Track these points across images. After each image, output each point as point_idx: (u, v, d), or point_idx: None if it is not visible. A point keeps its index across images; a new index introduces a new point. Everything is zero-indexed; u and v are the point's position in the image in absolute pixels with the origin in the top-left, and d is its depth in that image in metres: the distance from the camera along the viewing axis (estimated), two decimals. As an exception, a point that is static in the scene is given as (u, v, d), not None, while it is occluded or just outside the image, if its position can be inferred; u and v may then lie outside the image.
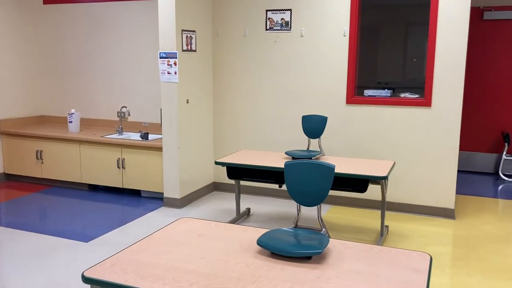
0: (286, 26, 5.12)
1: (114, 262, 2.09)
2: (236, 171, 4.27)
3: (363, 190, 3.77)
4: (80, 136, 5.51)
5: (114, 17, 5.83)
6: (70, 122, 5.73)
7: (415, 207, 4.90)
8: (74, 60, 6.16)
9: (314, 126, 4.59)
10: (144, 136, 5.37)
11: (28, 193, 5.60)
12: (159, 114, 5.67)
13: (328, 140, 5.08)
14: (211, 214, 4.88)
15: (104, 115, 6.09)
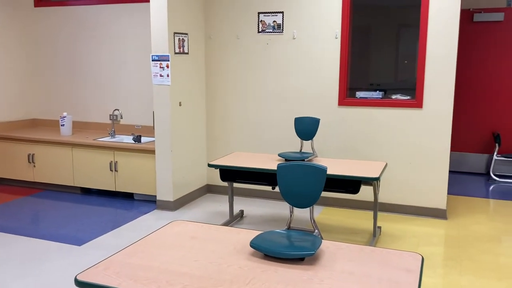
0: (278, 28, 5.14)
1: (107, 265, 2.10)
2: (229, 173, 4.28)
3: (355, 191, 3.79)
4: (72, 139, 5.49)
5: (106, 20, 5.82)
6: (62, 125, 5.71)
7: (407, 207, 4.93)
8: (66, 63, 6.15)
9: (306, 128, 4.61)
10: (137, 139, 5.36)
11: (20, 197, 5.57)
12: (151, 117, 5.66)
13: (321, 142, 5.10)
14: (204, 216, 4.88)
15: (96, 118, 6.08)
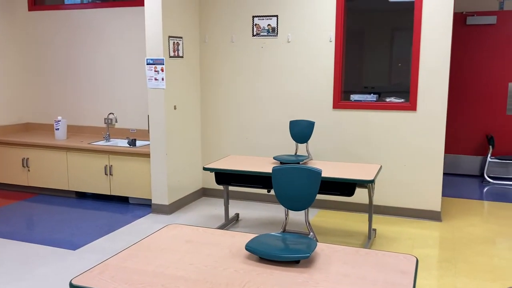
0: (272, 32, 5.16)
1: (102, 269, 2.09)
2: (224, 177, 4.29)
3: (350, 194, 3.80)
4: (67, 143, 5.48)
5: (101, 23, 5.82)
6: (57, 129, 5.69)
7: (402, 210, 4.95)
8: (60, 67, 6.13)
9: (301, 131, 4.63)
10: (132, 142, 5.36)
11: (14, 201, 5.54)
12: (146, 121, 5.66)
13: (316, 145, 5.12)
14: (199, 220, 4.88)
15: (91, 122, 6.07)
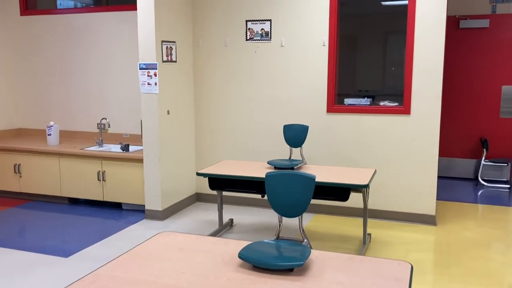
0: (266, 36, 5.15)
1: (93, 279, 2.06)
2: (218, 182, 4.25)
3: (345, 198, 3.78)
4: (59, 149, 5.43)
5: (93, 28, 5.78)
6: (49, 134, 5.64)
7: (397, 214, 4.94)
8: (52, 72, 6.09)
9: (295, 135, 4.61)
10: (125, 148, 5.31)
11: (5, 208, 5.48)
12: (140, 126, 5.62)
13: (310, 149, 5.10)
14: (193, 225, 4.84)
15: (84, 127, 6.02)
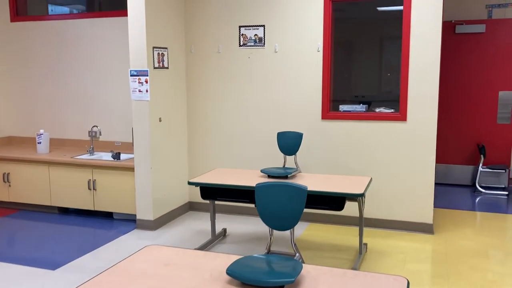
0: (259, 42, 5.06)
1: (72, 298, 1.95)
2: (210, 191, 4.15)
3: (339, 208, 3.68)
4: (49, 157, 5.32)
5: (84, 34, 5.69)
6: (39, 143, 5.53)
7: (393, 222, 4.84)
8: (42, 79, 5.98)
9: (289, 142, 4.51)
10: (116, 156, 5.21)
11: (-6, 218, 5.37)
12: (131, 133, 5.52)
13: (305, 156, 5.00)
14: (186, 235, 4.73)
15: (75, 135, 5.91)
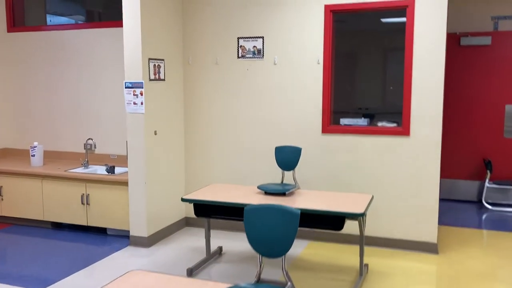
0: (258, 54, 4.93)
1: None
2: (204, 208, 3.99)
3: (339, 227, 3.51)
4: (42, 170, 5.19)
5: (81, 45, 5.58)
6: (33, 155, 5.41)
7: (396, 241, 4.65)
8: (38, 90, 5.87)
9: (287, 157, 4.36)
10: (110, 169, 5.06)
11: (-15, 232, 5.23)
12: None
13: (304, 172, 4.83)
14: (180, 253, 4.56)
15: (70, 147, 5.78)
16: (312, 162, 4.82)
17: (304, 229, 3.74)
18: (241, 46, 4.98)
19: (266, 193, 4.01)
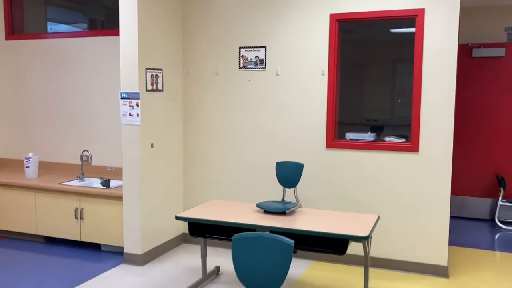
0: (260, 64, 4.74)
1: None
2: (199, 227, 3.77)
3: (341, 251, 3.28)
4: (36, 182, 5.01)
5: (79, 53, 5.42)
6: (27, 167, 5.23)
7: (404, 263, 4.39)
8: (34, 99, 5.71)
9: (289, 174, 4.14)
10: (105, 183, 4.87)
11: (-24, 246, 5.05)
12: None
13: (306, 189, 4.60)
14: (176, 273, 4.34)
15: (66, 158, 5.60)
16: (315, 179, 4.59)
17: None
18: (242, 56, 4.79)
19: (265, 212, 3.78)
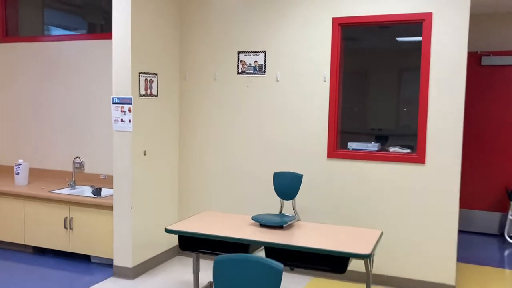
0: (259, 69, 4.54)
1: None
2: (191, 240, 3.55)
3: (341, 270, 3.05)
4: (26, 190, 4.81)
5: (72, 58, 5.24)
6: (17, 174, 5.04)
7: (409, 281, 4.14)
8: (26, 104, 5.53)
9: (287, 185, 3.93)
10: (96, 192, 4.67)
11: (-38, 256, 4.85)
12: (117, 166, 4.99)
13: (306, 201, 4.37)
14: (169, 287, 4.12)
15: (58, 165, 5.40)
16: (315, 190, 4.37)
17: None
18: (241, 61, 4.60)
19: (261, 225, 3.56)
